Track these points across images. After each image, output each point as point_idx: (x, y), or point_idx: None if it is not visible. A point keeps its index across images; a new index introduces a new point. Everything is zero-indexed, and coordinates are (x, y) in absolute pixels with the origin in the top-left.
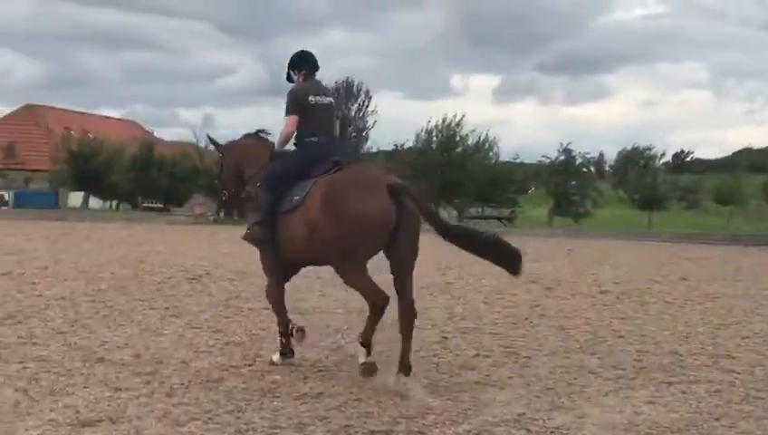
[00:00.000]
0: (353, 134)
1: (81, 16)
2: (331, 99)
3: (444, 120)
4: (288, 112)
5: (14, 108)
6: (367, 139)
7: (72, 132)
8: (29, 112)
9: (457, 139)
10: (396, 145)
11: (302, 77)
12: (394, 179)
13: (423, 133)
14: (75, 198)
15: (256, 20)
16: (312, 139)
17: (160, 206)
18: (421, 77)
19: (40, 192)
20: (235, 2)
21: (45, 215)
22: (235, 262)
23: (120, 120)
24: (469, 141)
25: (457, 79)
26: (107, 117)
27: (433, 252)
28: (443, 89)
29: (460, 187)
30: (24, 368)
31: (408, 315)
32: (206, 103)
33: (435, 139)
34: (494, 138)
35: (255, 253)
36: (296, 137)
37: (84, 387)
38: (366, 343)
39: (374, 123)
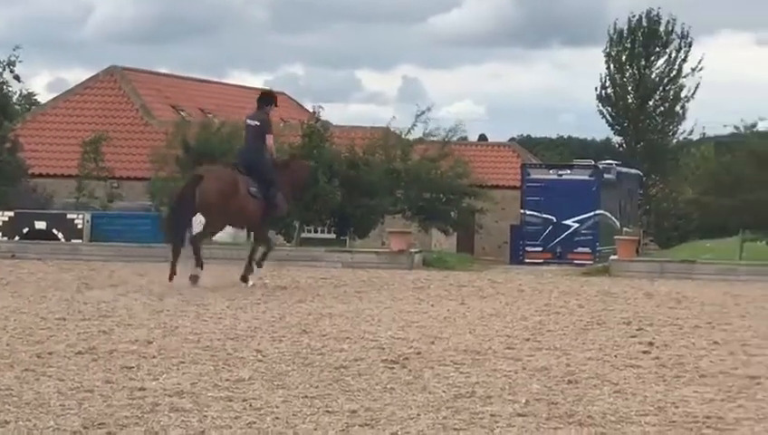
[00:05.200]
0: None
1: None
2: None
3: None
4: None
5: (93, 71)
6: (683, 115)
7: (185, 113)
8: (112, 78)
9: None
10: (739, 127)
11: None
12: None
13: None
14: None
15: None
16: None
17: (331, 236)
18: None
19: (133, 213)
20: None
21: (146, 250)
22: (462, 334)
23: (263, 90)
24: None
25: None
26: (242, 86)
27: None
28: None
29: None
30: None
31: None
32: (406, 60)
33: None
34: None
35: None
36: None
37: None
38: None
39: (696, 88)
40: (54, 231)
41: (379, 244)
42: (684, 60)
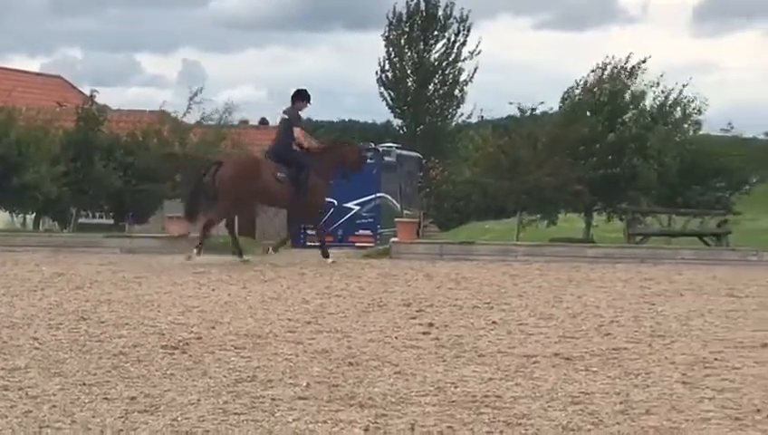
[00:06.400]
0: (436, 90)
1: None
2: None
3: (607, 66)
4: None
5: None
6: (462, 98)
7: None
8: None
9: (628, 98)
10: (521, 108)
11: None
12: None
13: (576, 89)
14: None
15: None
16: None
17: (109, 222)
18: None
19: None
20: None
21: None
22: (243, 318)
23: (39, 74)
24: (648, 101)
25: None
26: (19, 70)
27: None
28: (604, 11)
29: (632, 181)
30: None
31: None
32: (186, 43)
33: (594, 98)
34: (692, 97)
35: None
36: None
37: None
38: None
39: (474, 71)
40: None
41: (159, 229)
42: (462, 44)
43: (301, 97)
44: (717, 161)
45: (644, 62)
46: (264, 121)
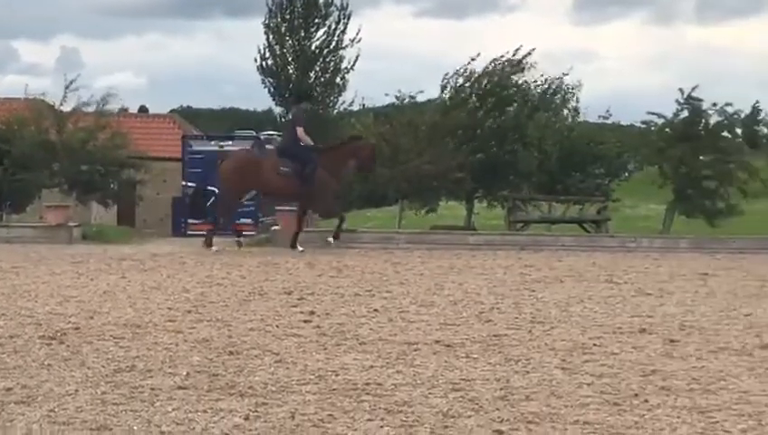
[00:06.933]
0: (318, 78)
1: None
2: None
3: (495, 60)
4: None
5: None
6: (343, 86)
7: None
8: None
9: (515, 89)
10: (399, 97)
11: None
12: None
13: (455, 77)
14: None
15: None
16: None
17: None
18: None
19: None
20: None
21: None
22: (122, 308)
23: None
24: (530, 89)
25: None
26: None
27: None
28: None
29: (511, 167)
30: None
31: None
32: (65, 30)
33: (474, 87)
34: (572, 84)
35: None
36: None
37: None
38: None
39: (356, 59)
40: None
41: (36, 218)
42: (343, 31)
43: (303, 97)
44: (596, 148)
45: (530, 54)
46: (143, 109)
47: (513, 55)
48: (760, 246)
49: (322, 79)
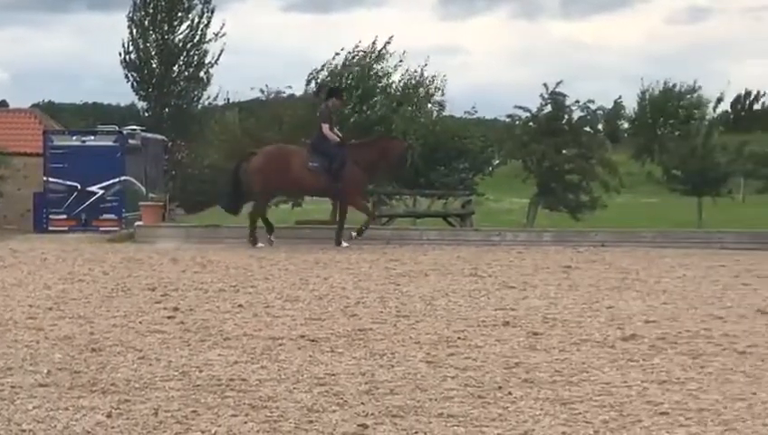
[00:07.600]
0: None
1: None
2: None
3: (355, 50)
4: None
5: None
6: (208, 80)
7: None
8: None
9: (375, 80)
10: (264, 91)
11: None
12: None
13: (320, 72)
14: None
15: None
16: None
17: None
18: None
19: None
20: None
21: None
22: None
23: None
24: (394, 83)
25: None
26: None
27: None
28: None
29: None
30: None
31: None
32: None
33: (337, 81)
34: (437, 77)
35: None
36: None
37: None
38: None
39: (220, 53)
40: None
41: None
42: (207, 25)
43: (333, 94)
44: (460, 143)
45: (389, 43)
46: (3, 103)
47: (372, 45)
48: (621, 238)
49: (186, 73)
